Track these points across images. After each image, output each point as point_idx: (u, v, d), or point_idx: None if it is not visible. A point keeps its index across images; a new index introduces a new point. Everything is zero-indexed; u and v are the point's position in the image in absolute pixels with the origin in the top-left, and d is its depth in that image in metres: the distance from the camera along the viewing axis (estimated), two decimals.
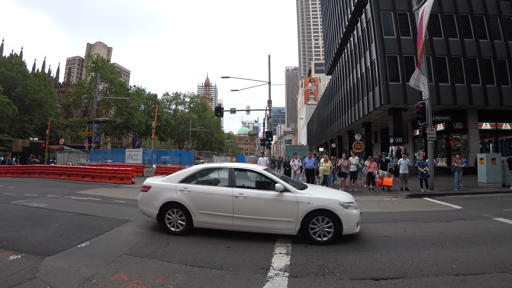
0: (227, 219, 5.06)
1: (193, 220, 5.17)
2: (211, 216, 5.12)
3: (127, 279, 3.43)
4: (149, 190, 5.50)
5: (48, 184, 14.29)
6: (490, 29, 19.54)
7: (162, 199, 5.32)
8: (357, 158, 13.76)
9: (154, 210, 5.37)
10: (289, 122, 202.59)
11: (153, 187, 5.51)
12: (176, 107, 64.85)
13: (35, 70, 66.87)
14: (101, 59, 45.34)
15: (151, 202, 5.43)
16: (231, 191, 5.13)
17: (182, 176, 5.51)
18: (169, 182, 5.52)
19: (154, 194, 5.42)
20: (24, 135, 43.11)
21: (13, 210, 7.28)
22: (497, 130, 20.67)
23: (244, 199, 5.03)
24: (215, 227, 5.17)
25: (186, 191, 5.27)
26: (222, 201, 5.11)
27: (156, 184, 5.57)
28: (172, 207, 5.29)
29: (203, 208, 5.15)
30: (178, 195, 5.27)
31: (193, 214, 5.16)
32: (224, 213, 5.06)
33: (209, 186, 5.44)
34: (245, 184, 5.43)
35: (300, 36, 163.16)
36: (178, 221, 5.28)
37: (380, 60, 19.40)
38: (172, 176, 5.68)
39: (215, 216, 5.10)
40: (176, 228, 5.27)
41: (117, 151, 30.36)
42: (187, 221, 5.21)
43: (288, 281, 3.47)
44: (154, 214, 5.39)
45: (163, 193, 5.36)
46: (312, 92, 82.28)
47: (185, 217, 5.22)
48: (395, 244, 4.92)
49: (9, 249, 4.37)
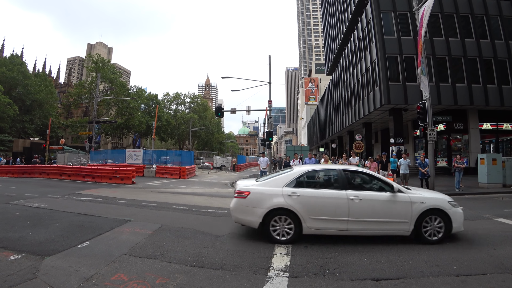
0: (342, 224, 4.83)
1: (303, 227, 4.83)
2: (323, 222, 4.86)
3: (127, 279, 3.43)
4: (248, 196, 5.01)
5: (48, 184, 14.30)
6: (491, 29, 19.52)
7: (266, 205, 4.88)
8: (358, 158, 13.77)
9: (256, 218, 4.89)
10: (289, 122, 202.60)
11: (252, 193, 5.03)
12: (177, 107, 64.94)
13: (35, 70, 67.09)
14: (101, 60, 45.42)
15: (251, 210, 4.95)
16: (345, 194, 4.90)
17: (286, 180, 5.12)
18: (271, 186, 5.09)
19: (256, 201, 4.97)
20: (24, 135, 43.19)
21: (14, 210, 7.28)
22: (497, 130, 20.64)
23: (360, 201, 4.86)
24: (327, 232, 4.93)
25: (295, 196, 4.89)
26: (337, 205, 4.85)
27: (256, 189, 5.10)
28: (278, 214, 4.88)
29: (315, 213, 4.84)
30: (286, 200, 4.87)
31: (304, 220, 4.81)
32: (339, 217, 4.82)
33: (320, 189, 5.17)
34: (355, 186, 5.26)
35: (301, 36, 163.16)
36: (285, 229, 4.89)
37: (381, 60, 19.39)
38: (272, 180, 5.28)
39: (328, 221, 4.86)
40: (282, 236, 4.88)
41: (118, 151, 30.38)
42: (295, 228, 4.84)
43: (288, 281, 3.47)
44: (256, 223, 4.92)
45: (268, 199, 4.92)
46: (313, 92, 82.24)
47: (293, 224, 4.85)
48: (395, 244, 4.90)
49: (9, 249, 4.37)
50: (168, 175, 20.48)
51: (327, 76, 51.49)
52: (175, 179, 19.17)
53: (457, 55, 19.35)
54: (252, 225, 5.05)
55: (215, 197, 10.96)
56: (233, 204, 5.22)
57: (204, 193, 12.30)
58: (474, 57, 19.28)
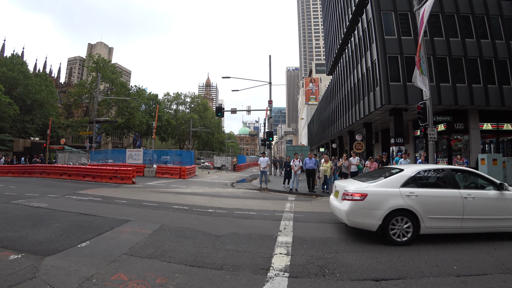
0: (456, 222, 4.93)
1: (421, 227, 4.86)
2: (440, 221, 4.92)
3: (127, 279, 3.43)
4: (366, 199, 4.95)
5: (49, 184, 14.32)
6: (492, 29, 19.49)
7: (386, 207, 4.86)
8: (358, 158, 13.74)
9: (375, 220, 4.87)
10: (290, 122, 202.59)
11: (370, 195, 4.97)
12: (177, 107, 64.94)
13: (36, 70, 67.16)
14: (102, 59, 45.43)
15: (370, 212, 4.91)
16: (459, 193, 5.00)
17: (401, 180, 5.12)
18: (387, 187, 5.08)
19: (375, 203, 4.93)
20: (25, 135, 43.24)
21: (14, 210, 7.29)
22: (498, 130, 20.60)
23: (473, 199, 4.98)
24: (443, 231, 5.02)
25: (413, 196, 4.91)
26: (452, 204, 4.94)
27: (373, 191, 5.05)
28: (396, 215, 4.87)
29: (433, 212, 4.89)
30: (405, 201, 4.87)
31: (422, 220, 4.85)
32: (454, 216, 4.92)
33: (436, 189, 5.20)
34: (465, 184, 5.38)
35: (301, 36, 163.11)
36: (403, 230, 4.90)
37: (381, 60, 19.38)
38: (386, 181, 5.24)
39: (444, 220, 4.92)
40: (402, 237, 4.88)
41: (118, 151, 30.36)
42: (414, 228, 4.87)
43: (288, 281, 3.47)
44: (375, 226, 4.90)
45: (386, 201, 4.90)
46: (313, 92, 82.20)
47: (411, 224, 4.87)
48: (396, 244, 4.90)
49: (9, 248, 4.37)
50: (168, 175, 20.49)
51: (328, 76, 51.44)
52: (175, 179, 19.17)
53: (458, 55, 19.32)
54: (371, 228, 5.00)
55: (215, 197, 10.96)
56: (348, 207, 5.05)
57: (204, 193, 12.30)
58: (475, 57, 19.26)
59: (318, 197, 11.29)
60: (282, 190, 13.36)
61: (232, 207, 8.66)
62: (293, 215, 7.46)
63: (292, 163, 13.00)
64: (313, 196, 11.57)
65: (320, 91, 75.91)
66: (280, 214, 7.60)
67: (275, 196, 11.60)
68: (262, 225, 6.33)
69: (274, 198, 10.95)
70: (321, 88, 75.40)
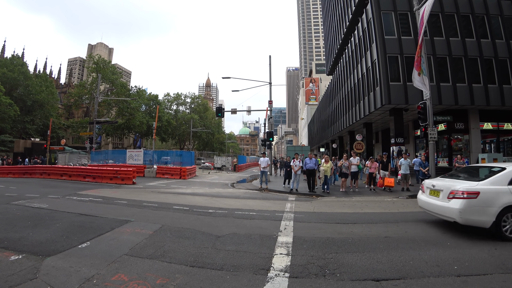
0: None
1: None
2: None
3: (128, 280, 3.43)
4: (479, 197, 5.15)
5: (49, 184, 14.33)
6: (492, 29, 19.48)
7: (499, 204, 5.07)
8: (358, 158, 13.74)
9: (489, 217, 5.08)
10: (290, 122, 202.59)
11: (482, 193, 5.18)
12: (177, 107, 65.02)
13: (36, 71, 67.28)
14: (102, 60, 45.49)
15: (484, 210, 5.12)
16: None
17: (507, 178, 5.34)
18: (496, 185, 5.31)
19: (488, 200, 5.14)
20: (25, 135, 43.29)
21: (15, 211, 7.30)
22: (498, 130, 20.58)
23: None
24: None
25: None
26: None
27: (485, 189, 5.27)
28: (507, 211, 5.10)
29: None
30: None
31: None
32: None
33: None
34: None
35: (301, 36, 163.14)
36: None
37: (381, 60, 19.38)
38: (493, 179, 5.47)
39: None
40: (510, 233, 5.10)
41: (118, 151, 30.38)
42: None
43: (288, 281, 3.46)
44: (489, 223, 5.09)
45: (498, 198, 5.12)
46: (313, 92, 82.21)
47: None
48: (396, 244, 4.90)
49: (10, 249, 4.38)
50: (168, 176, 20.49)
51: (328, 76, 51.44)
52: (175, 180, 19.18)
53: (458, 55, 19.32)
54: (484, 225, 5.16)
55: (215, 198, 10.97)
56: (461, 206, 5.23)
57: (204, 194, 12.30)
58: (475, 57, 19.25)
59: (319, 197, 11.29)
60: (282, 190, 13.37)
61: (232, 207, 8.66)
62: (293, 215, 7.46)
63: (292, 163, 13.01)
64: (313, 196, 11.57)
65: (320, 91, 75.92)
66: (281, 214, 7.59)
67: (275, 196, 11.60)
68: (262, 225, 6.33)
69: (275, 198, 10.95)
70: (321, 88, 75.41)
